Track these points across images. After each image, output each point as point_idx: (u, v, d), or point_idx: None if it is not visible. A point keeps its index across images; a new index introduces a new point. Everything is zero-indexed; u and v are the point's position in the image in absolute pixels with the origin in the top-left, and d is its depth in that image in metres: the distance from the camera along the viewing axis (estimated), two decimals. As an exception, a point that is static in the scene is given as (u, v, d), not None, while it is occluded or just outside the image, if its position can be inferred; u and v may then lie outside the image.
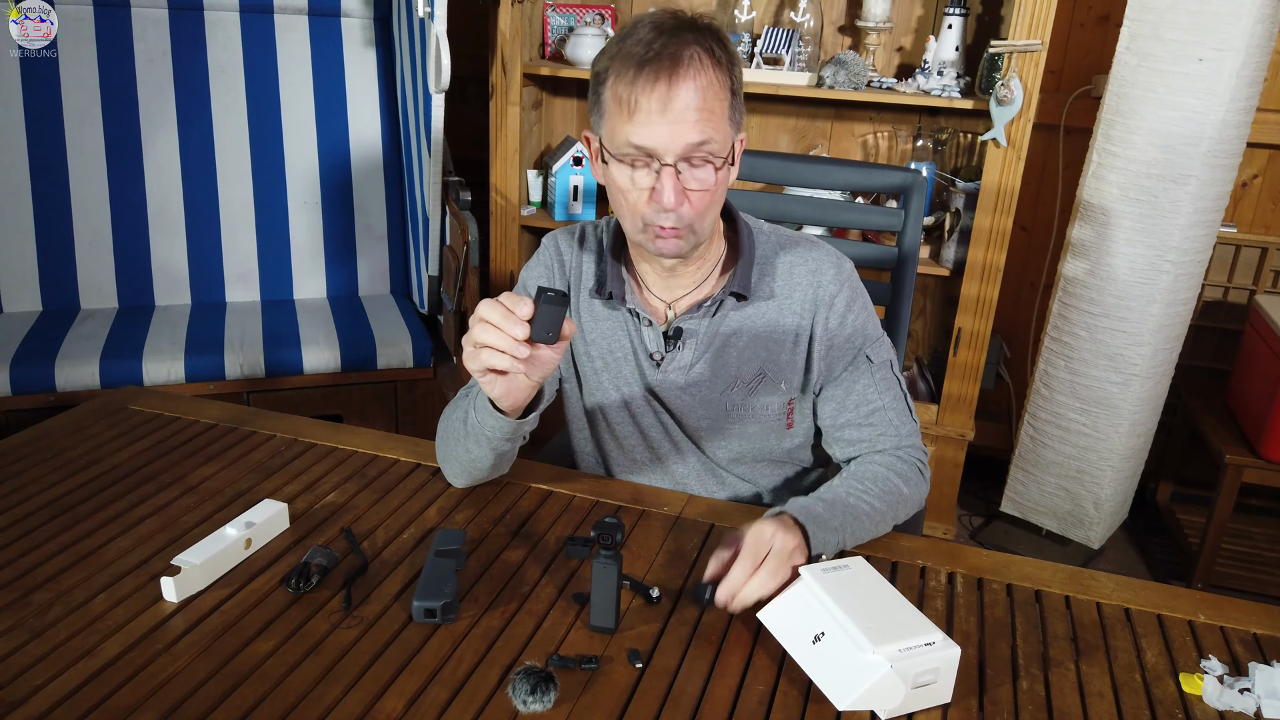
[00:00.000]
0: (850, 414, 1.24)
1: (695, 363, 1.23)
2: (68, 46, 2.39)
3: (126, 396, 1.45)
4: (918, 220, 1.58)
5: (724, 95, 1.07)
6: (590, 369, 1.29)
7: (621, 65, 1.05)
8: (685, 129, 1.04)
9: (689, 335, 1.22)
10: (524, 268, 1.32)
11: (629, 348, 1.26)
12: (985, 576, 1.10)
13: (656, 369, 1.24)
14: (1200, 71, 2.03)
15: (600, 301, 1.26)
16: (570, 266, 1.28)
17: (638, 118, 1.04)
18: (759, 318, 1.22)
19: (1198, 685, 0.94)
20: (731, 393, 1.24)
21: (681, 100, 1.03)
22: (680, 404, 1.25)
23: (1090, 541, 2.46)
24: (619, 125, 1.06)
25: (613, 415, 1.30)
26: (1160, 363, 2.29)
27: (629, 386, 1.27)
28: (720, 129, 1.07)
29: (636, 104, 1.04)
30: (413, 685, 0.88)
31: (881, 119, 2.70)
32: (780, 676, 0.92)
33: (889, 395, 1.23)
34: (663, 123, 1.04)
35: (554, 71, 2.61)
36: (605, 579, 0.95)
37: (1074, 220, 2.30)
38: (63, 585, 1.00)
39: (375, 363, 2.35)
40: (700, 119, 1.04)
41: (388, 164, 2.70)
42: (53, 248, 2.45)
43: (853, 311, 1.22)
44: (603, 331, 1.27)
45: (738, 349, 1.22)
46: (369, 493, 1.21)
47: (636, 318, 1.23)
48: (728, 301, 1.21)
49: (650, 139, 1.05)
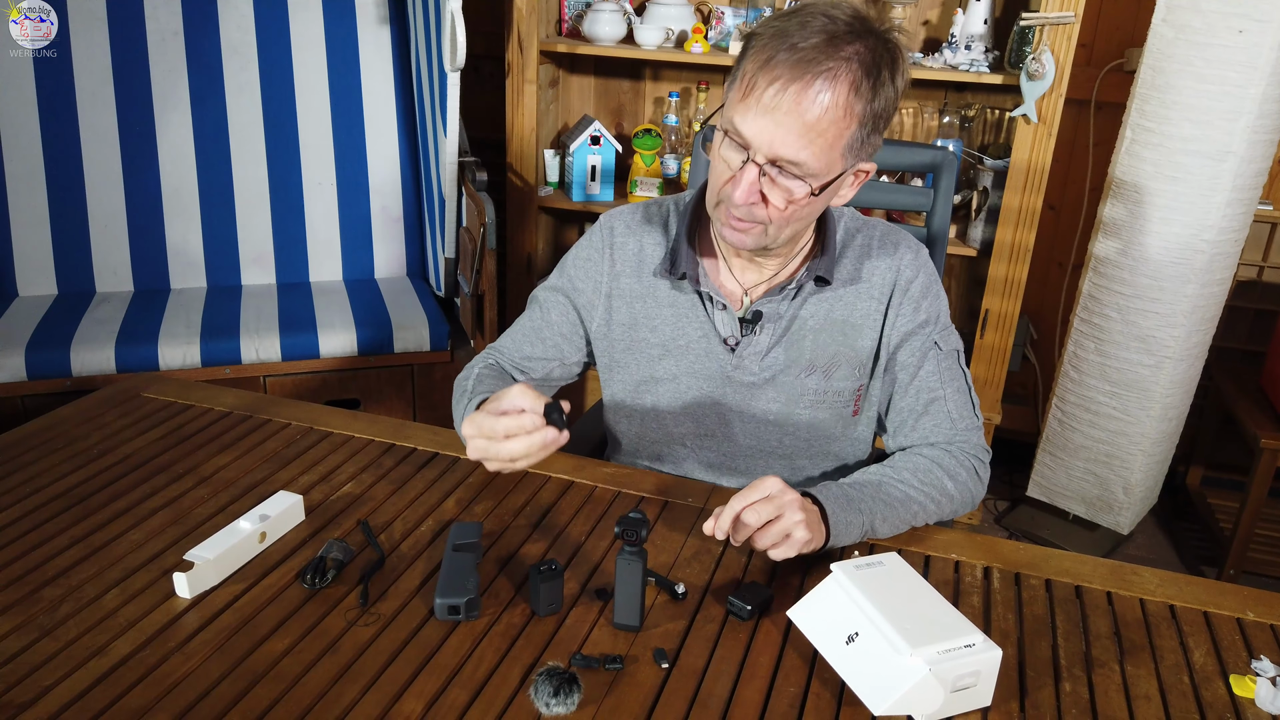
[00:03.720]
0: (909, 400, 1.20)
1: (772, 348, 1.19)
2: (79, 27, 2.35)
3: (139, 384, 1.43)
4: (947, 200, 1.53)
5: (847, 123, 1.00)
6: (646, 356, 1.24)
7: (768, 42, 0.99)
8: (783, 139, 0.99)
9: (768, 319, 1.18)
10: (573, 249, 1.29)
11: (698, 332, 1.21)
12: (1023, 571, 1.06)
13: (731, 354, 1.20)
14: (1240, 44, 1.96)
15: (668, 282, 1.21)
16: (626, 251, 1.24)
17: (749, 101, 1.00)
18: (837, 302, 1.18)
19: (1250, 688, 0.90)
20: (806, 378, 1.20)
21: (795, 109, 0.98)
22: (752, 391, 1.21)
23: (1119, 527, 2.41)
24: (734, 99, 1.03)
25: (668, 400, 1.25)
26: (1194, 345, 2.23)
27: (693, 373, 1.22)
28: (823, 156, 1.01)
29: (753, 87, 0.99)
30: (432, 686, 0.85)
31: (907, 95, 2.62)
32: (812, 678, 0.89)
33: (951, 386, 1.19)
34: (766, 121, 0.99)
35: (571, 49, 2.56)
36: (629, 576, 0.91)
37: (1106, 198, 2.23)
38: (73, 580, 0.97)
39: (392, 346, 2.32)
40: (804, 137, 0.99)
41: (403, 144, 2.67)
42: (68, 231, 2.44)
43: (928, 298, 1.18)
44: (667, 316, 1.22)
45: (814, 333, 1.18)
46: (386, 483, 1.18)
47: (709, 301, 1.19)
48: (808, 285, 1.17)
49: (748, 129, 1.00)
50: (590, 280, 1.25)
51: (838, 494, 1.06)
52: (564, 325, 1.28)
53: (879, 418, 1.27)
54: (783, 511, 0.98)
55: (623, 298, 1.24)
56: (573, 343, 1.29)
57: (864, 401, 1.24)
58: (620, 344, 1.25)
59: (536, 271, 2.76)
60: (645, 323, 1.23)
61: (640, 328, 1.23)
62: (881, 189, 1.70)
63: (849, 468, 1.29)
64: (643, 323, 1.23)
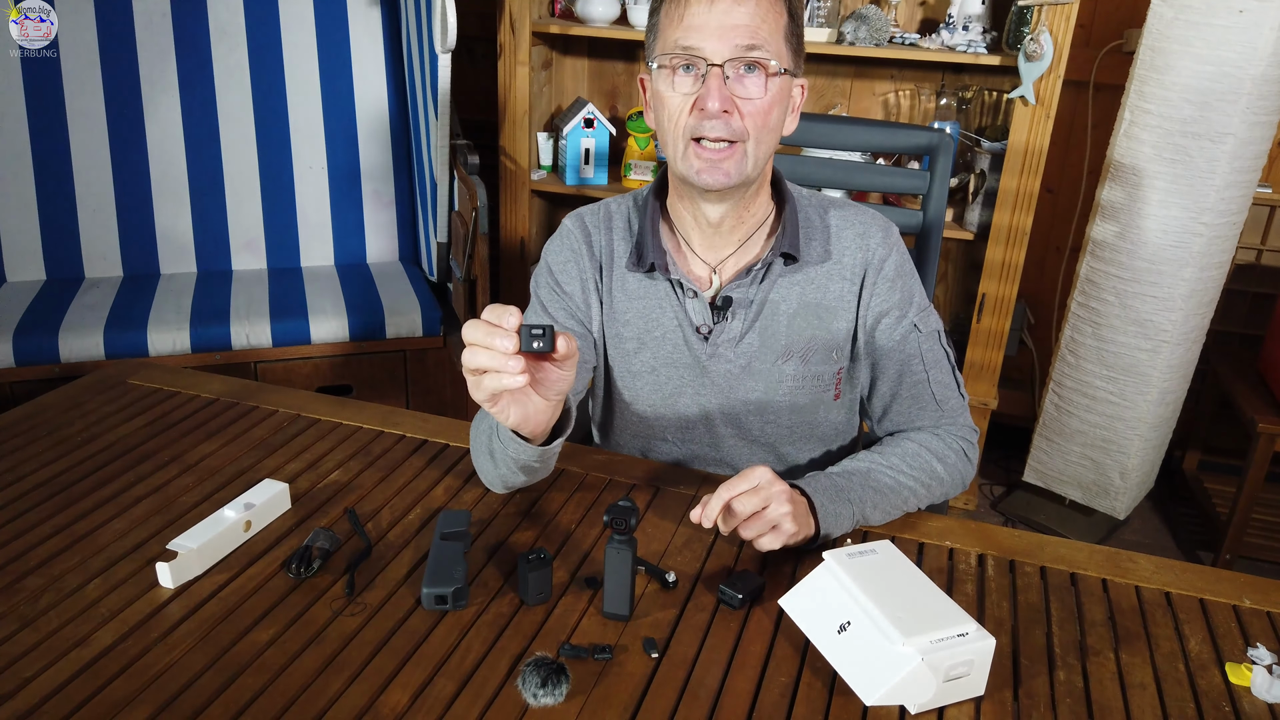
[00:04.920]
0: (893, 386, 1.18)
1: (745, 333, 1.17)
2: (65, 8, 2.32)
3: (126, 370, 1.41)
4: (944, 183, 1.51)
5: (780, 13, 1.03)
6: (621, 350, 1.22)
7: None
8: (735, 30, 1.00)
9: (738, 305, 1.16)
10: (545, 249, 1.24)
11: (672, 322, 1.19)
12: (1018, 558, 1.05)
13: (704, 342, 1.18)
14: (1240, 24, 1.94)
15: (636, 276, 1.19)
16: (600, 246, 1.21)
17: (686, 19, 1.01)
18: (808, 283, 1.16)
19: (1245, 676, 0.89)
20: (783, 364, 1.18)
21: (732, 4, 1.00)
22: (729, 378, 1.19)
23: (1115, 512, 2.41)
24: (669, 34, 1.03)
25: (648, 393, 1.23)
26: (1191, 329, 2.22)
27: (670, 363, 1.20)
28: (773, 41, 1.03)
29: (687, 6, 1.01)
30: (418, 677, 0.84)
31: (903, 76, 2.61)
32: (803, 667, 0.87)
33: (935, 369, 1.17)
34: (711, 23, 1.00)
35: (564, 30, 2.53)
36: (619, 565, 0.90)
37: (1104, 181, 2.21)
38: (55, 570, 0.96)
39: (384, 332, 2.30)
40: (751, 23, 1.01)
41: (394, 127, 2.64)
42: (56, 216, 2.41)
43: (902, 277, 1.16)
44: (639, 309, 1.19)
45: (788, 316, 1.16)
46: (373, 471, 1.17)
47: (680, 289, 1.17)
48: (776, 265, 1.15)
49: (696, 38, 1.01)
50: (577, 281, 1.21)
51: (826, 485, 1.04)
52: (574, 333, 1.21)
53: (862, 403, 1.25)
54: (770, 502, 0.97)
55: (605, 291, 1.21)
56: (586, 340, 1.23)
57: (845, 385, 1.22)
58: (599, 340, 1.24)
59: (529, 257, 2.74)
60: (620, 317, 1.21)
61: (615, 322, 1.21)
62: (877, 171, 1.68)
63: (834, 453, 1.28)
64: (618, 317, 1.21)
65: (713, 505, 0.97)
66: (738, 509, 0.97)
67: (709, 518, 0.97)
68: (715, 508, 0.97)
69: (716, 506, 0.97)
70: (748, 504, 0.96)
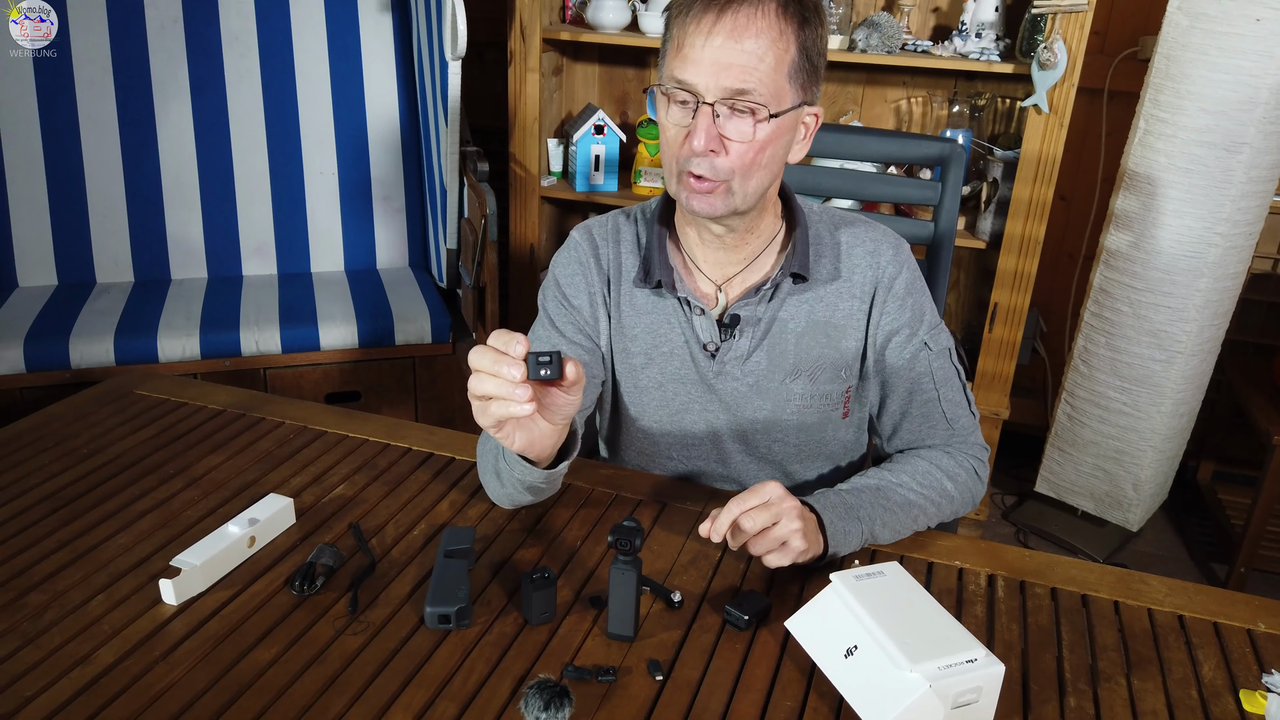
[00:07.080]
0: (901, 403, 1.17)
1: (753, 352, 1.16)
2: (78, 14, 2.33)
3: (133, 380, 1.41)
4: (956, 194, 1.50)
5: (784, 50, 0.99)
6: (629, 366, 1.21)
7: (686, 1, 1.00)
8: (727, 70, 0.98)
9: (746, 323, 1.14)
10: (553, 262, 1.23)
11: (679, 339, 1.17)
12: (1028, 579, 1.04)
13: (711, 360, 1.17)
14: (1257, 33, 1.92)
15: (643, 292, 1.18)
16: (608, 260, 1.19)
17: (684, 51, 0.99)
18: (817, 302, 1.15)
19: (1260, 704, 0.87)
20: (792, 382, 1.16)
21: (729, 40, 0.97)
22: (736, 397, 1.18)
23: (1129, 524, 2.38)
24: (669, 62, 1.02)
25: (654, 409, 1.22)
26: (1206, 339, 2.20)
27: (678, 380, 1.19)
28: (769, 83, 0.99)
29: (685, 37, 0.99)
30: (420, 698, 0.83)
31: (916, 84, 2.59)
32: (809, 692, 0.86)
33: (946, 387, 1.15)
34: (705, 58, 0.98)
35: (575, 36, 2.52)
36: (624, 586, 0.89)
37: (1118, 190, 2.19)
38: (59, 586, 0.96)
39: (393, 339, 2.30)
40: (746, 64, 0.98)
41: (405, 134, 2.64)
42: (67, 221, 2.42)
43: (912, 295, 1.15)
44: (646, 325, 1.18)
45: (796, 335, 1.15)
46: (379, 485, 1.16)
47: (687, 306, 1.16)
48: (785, 284, 1.14)
49: (691, 73, 0.99)
50: (585, 295, 1.20)
51: (836, 502, 1.03)
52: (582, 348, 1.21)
53: (871, 421, 1.24)
54: (780, 518, 0.96)
55: (612, 306, 1.20)
56: (594, 355, 1.21)
57: (853, 403, 1.21)
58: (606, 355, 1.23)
59: (539, 263, 2.73)
60: (627, 332, 1.19)
61: (622, 337, 1.20)
62: (889, 182, 1.67)
63: (843, 470, 1.26)
64: (626, 332, 1.20)
65: (722, 520, 0.96)
66: (746, 525, 0.96)
67: (718, 532, 0.96)
68: (725, 522, 0.96)
69: (726, 521, 0.96)
70: (757, 519, 0.95)
